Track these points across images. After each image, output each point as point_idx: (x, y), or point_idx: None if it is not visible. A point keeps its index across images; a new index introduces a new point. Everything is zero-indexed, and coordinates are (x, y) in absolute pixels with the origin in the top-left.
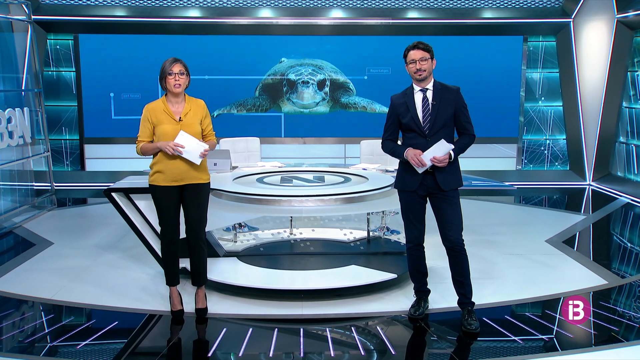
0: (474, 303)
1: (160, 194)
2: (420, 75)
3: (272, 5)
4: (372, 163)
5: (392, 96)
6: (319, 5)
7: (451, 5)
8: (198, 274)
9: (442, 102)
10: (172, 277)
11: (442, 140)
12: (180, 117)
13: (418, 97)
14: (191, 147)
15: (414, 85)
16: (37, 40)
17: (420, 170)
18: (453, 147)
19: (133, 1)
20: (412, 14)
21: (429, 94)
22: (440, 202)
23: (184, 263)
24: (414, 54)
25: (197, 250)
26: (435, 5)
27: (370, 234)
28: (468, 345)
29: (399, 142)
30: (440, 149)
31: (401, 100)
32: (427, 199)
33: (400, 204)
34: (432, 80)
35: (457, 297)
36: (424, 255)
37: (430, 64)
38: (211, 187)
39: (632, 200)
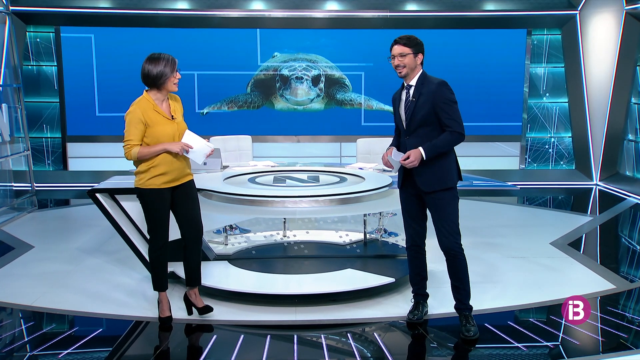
0: (471, 308)
1: (157, 197)
2: (400, 72)
3: None
4: (368, 162)
5: (395, 92)
6: None
7: None
8: (197, 272)
9: (420, 98)
10: (161, 282)
11: (400, 153)
12: (172, 116)
13: (404, 94)
14: (199, 147)
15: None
16: (15, 33)
17: (393, 171)
18: (404, 156)
19: None
20: (411, 7)
21: (412, 91)
22: (429, 205)
23: (172, 267)
24: (394, 49)
25: (197, 248)
26: None
27: (367, 236)
28: (469, 352)
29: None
30: (397, 155)
31: (396, 96)
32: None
33: (400, 201)
34: (417, 76)
35: (455, 303)
36: (424, 258)
37: (412, 60)
38: (201, 187)
39: None
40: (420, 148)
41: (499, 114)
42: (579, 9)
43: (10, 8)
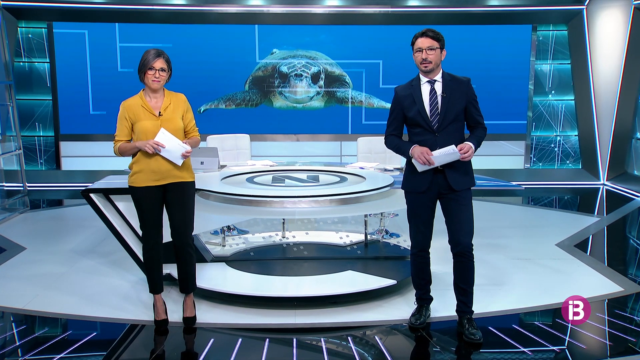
0: (473, 312)
1: (141, 195)
2: (425, 67)
3: None
4: (369, 161)
5: (397, 87)
6: None
7: None
8: (186, 281)
9: (453, 94)
10: (156, 284)
11: (453, 146)
12: (159, 112)
13: (425, 89)
14: (172, 146)
15: (420, 76)
16: (7, 28)
17: (420, 169)
18: (460, 155)
19: None
20: (413, 2)
21: (438, 86)
22: (452, 203)
23: (169, 269)
24: (421, 42)
25: (184, 255)
26: None
27: (368, 237)
28: (473, 357)
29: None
30: (450, 157)
31: (407, 92)
32: (437, 201)
33: (407, 205)
34: (441, 71)
35: (456, 305)
36: (429, 262)
37: (439, 55)
38: (198, 187)
39: None
40: (469, 142)
41: (504, 112)
42: (585, 4)
43: (1, 3)
